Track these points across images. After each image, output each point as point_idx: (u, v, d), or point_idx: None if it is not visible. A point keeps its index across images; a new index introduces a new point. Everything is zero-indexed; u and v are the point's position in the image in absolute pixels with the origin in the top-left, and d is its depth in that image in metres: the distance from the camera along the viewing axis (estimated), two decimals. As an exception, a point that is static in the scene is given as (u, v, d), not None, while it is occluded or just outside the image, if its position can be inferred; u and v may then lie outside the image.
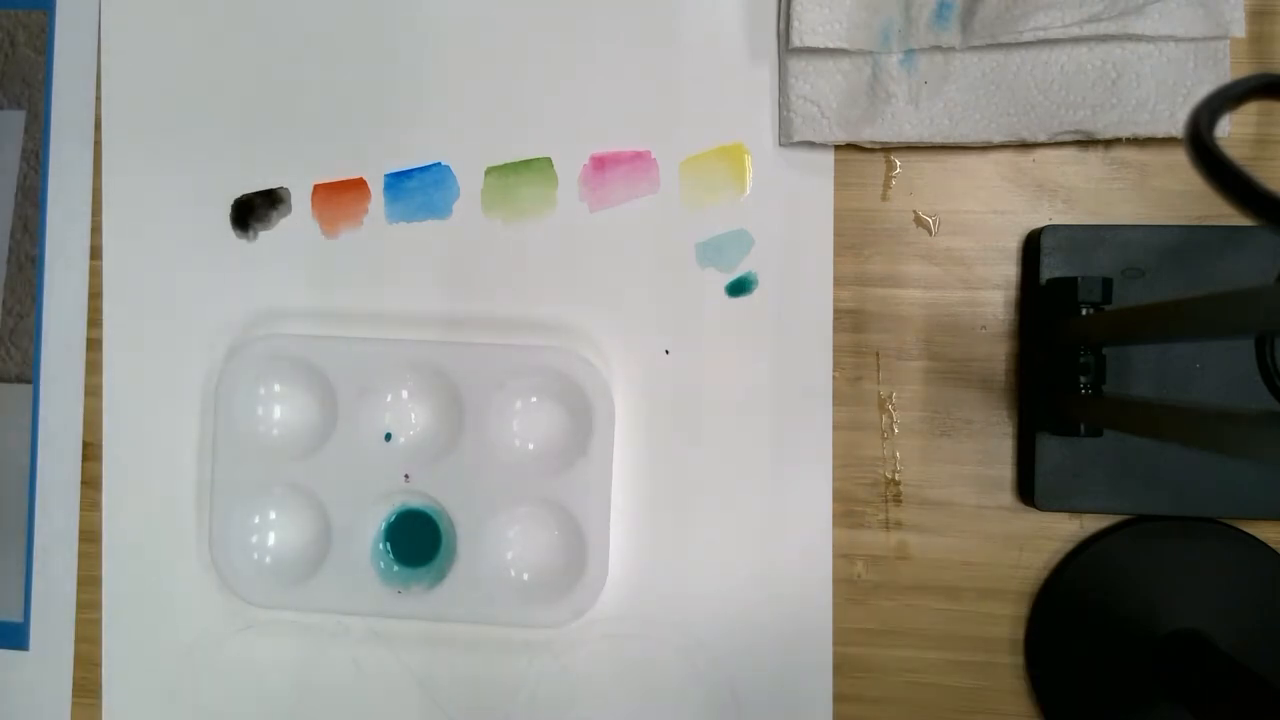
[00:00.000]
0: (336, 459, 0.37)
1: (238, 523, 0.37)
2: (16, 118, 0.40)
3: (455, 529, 0.36)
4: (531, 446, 0.37)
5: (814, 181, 0.37)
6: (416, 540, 0.37)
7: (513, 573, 0.37)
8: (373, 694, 0.39)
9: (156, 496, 0.39)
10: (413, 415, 0.38)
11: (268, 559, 0.38)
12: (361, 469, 0.37)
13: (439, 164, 0.38)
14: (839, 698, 0.37)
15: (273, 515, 0.38)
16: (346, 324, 0.38)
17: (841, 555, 0.37)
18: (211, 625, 0.39)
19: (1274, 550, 0.35)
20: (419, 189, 0.38)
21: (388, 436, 0.37)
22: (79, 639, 0.40)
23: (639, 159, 0.37)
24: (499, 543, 0.37)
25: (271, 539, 0.38)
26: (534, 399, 0.37)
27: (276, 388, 0.38)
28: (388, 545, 0.37)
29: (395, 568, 0.37)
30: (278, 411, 0.38)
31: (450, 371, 0.36)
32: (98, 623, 0.40)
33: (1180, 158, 0.36)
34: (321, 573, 0.37)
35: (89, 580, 0.40)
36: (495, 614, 0.36)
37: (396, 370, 0.37)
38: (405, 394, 0.37)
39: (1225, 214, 0.35)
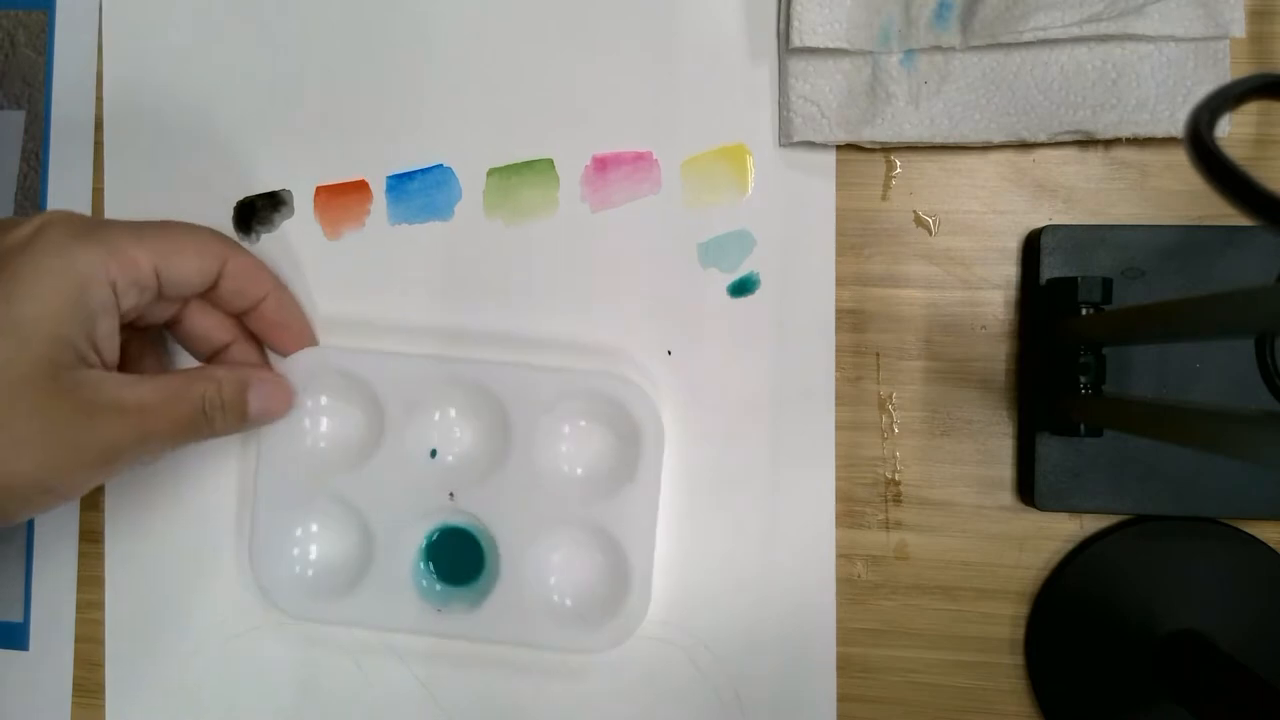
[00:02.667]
0: (381, 474, 0.36)
1: (279, 534, 0.37)
2: (16, 118, 0.40)
3: (499, 550, 0.36)
4: (579, 471, 0.37)
5: (815, 182, 0.37)
6: (459, 559, 0.37)
7: (555, 598, 0.37)
8: (375, 696, 0.39)
9: (158, 496, 0.39)
10: (459, 433, 0.37)
11: (309, 571, 0.37)
12: (406, 485, 0.36)
13: (440, 165, 0.38)
14: (839, 698, 0.37)
15: (315, 528, 0.37)
16: (348, 325, 0.38)
17: (841, 555, 0.37)
18: (216, 626, 0.39)
19: (1274, 550, 0.35)
20: (421, 190, 0.38)
21: (433, 453, 0.37)
22: (79, 639, 0.40)
23: (641, 160, 0.37)
24: (543, 566, 0.36)
25: (313, 551, 0.38)
26: (583, 423, 0.37)
27: (324, 400, 0.37)
28: (429, 563, 0.37)
29: (437, 586, 0.37)
30: (324, 424, 0.37)
31: (499, 392, 0.36)
32: (99, 623, 0.40)
33: (1180, 158, 0.36)
34: (362, 587, 0.36)
35: (89, 580, 0.40)
36: (536, 637, 0.36)
37: (444, 388, 0.36)
38: (453, 412, 0.37)
39: (1225, 214, 0.35)
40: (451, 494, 0.36)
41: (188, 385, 0.32)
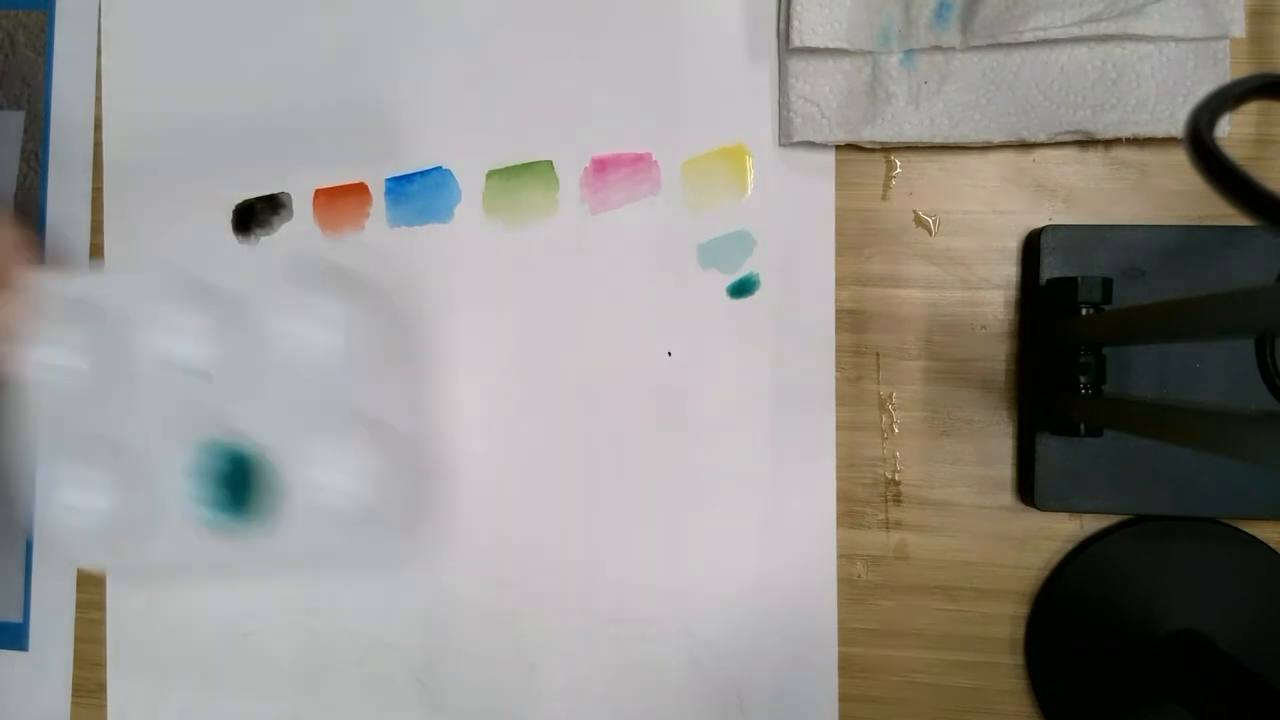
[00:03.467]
0: (134, 401, 0.33)
1: (52, 486, 0.34)
2: (16, 118, 0.40)
3: (273, 462, 0.33)
4: (336, 359, 0.33)
5: (815, 182, 0.37)
6: (234, 482, 0.34)
7: (346, 500, 0.33)
8: (377, 695, 0.39)
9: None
10: (205, 343, 0.33)
11: (91, 521, 0.34)
12: (163, 409, 0.33)
13: (440, 168, 0.38)
14: (840, 698, 0.37)
15: (86, 472, 0.34)
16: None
17: (841, 555, 0.37)
18: (217, 626, 0.39)
19: (1274, 550, 0.35)
20: (420, 193, 0.38)
21: (185, 372, 0.33)
22: (79, 639, 0.40)
23: (640, 161, 0.37)
24: (324, 470, 0.33)
25: (90, 498, 0.34)
26: (330, 305, 0.33)
27: (56, 332, 0.33)
28: (203, 491, 0.33)
29: (215, 514, 0.34)
30: (59, 357, 0.33)
31: (229, 288, 0.32)
32: (98, 623, 0.40)
33: (1180, 158, 0.36)
34: (148, 526, 0.33)
35: (89, 580, 0.40)
36: (340, 548, 0.33)
37: (179, 296, 0.33)
38: (194, 319, 0.33)
39: (1225, 214, 0.35)
40: (214, 414, 0.33)
41: None
